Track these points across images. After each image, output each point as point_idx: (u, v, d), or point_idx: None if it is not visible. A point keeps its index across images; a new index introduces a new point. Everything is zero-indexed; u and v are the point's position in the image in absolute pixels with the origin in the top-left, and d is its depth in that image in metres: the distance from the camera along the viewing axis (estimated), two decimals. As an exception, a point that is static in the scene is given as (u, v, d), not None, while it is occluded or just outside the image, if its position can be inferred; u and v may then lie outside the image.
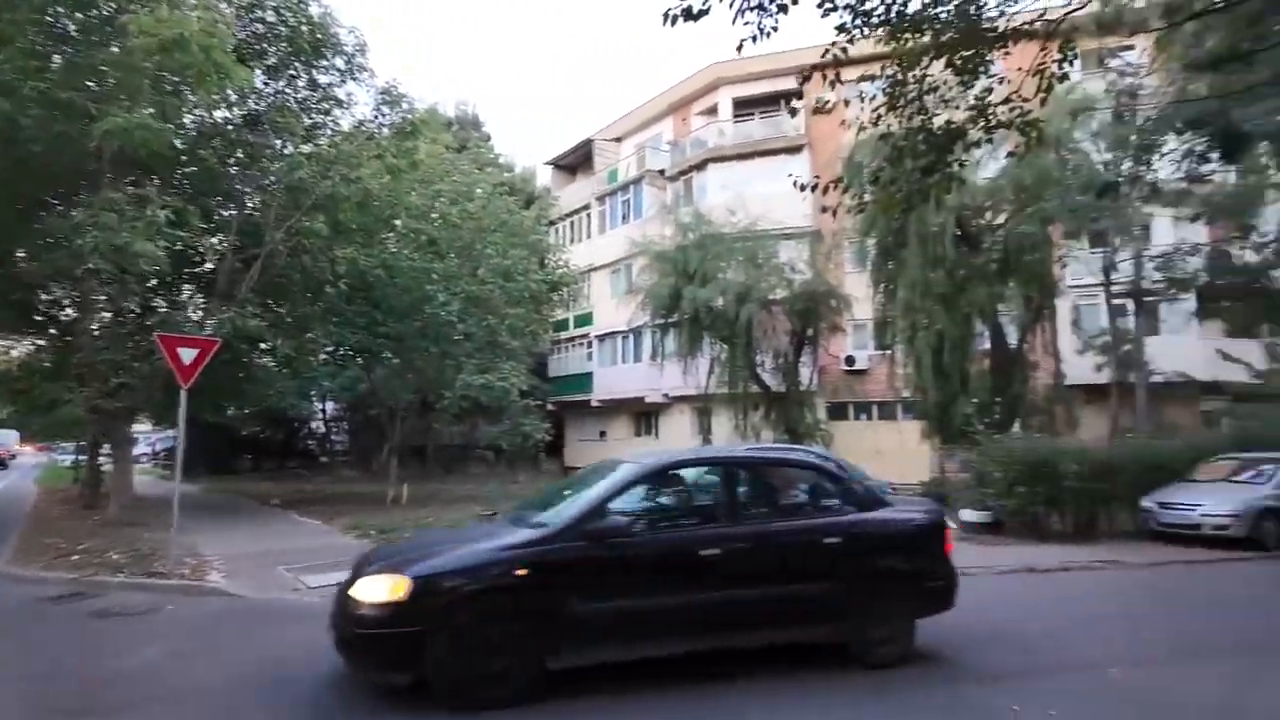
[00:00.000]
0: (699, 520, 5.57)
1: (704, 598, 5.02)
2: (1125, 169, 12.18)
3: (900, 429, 24.13)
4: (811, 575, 5.34)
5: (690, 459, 6.41)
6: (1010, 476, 12.31)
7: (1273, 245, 14.58)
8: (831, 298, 20.25)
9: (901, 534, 5.80)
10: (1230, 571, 10.31)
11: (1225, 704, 4.85)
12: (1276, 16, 7.20)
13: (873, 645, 5.44)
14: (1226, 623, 7.18)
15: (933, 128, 6.54)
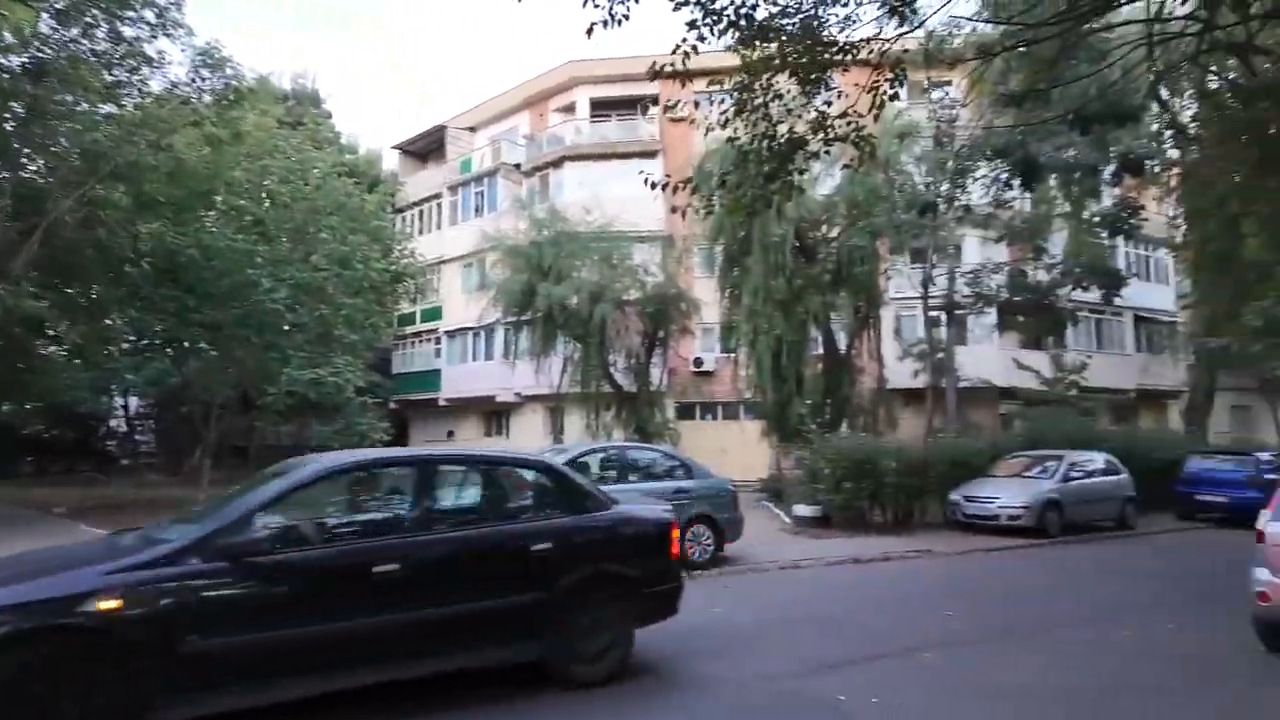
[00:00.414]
0: (381, 530, 4.76)
1: (374, 622, 4.24)
2: (943, 191, 13.39)
3: (743, 428, 25.09)
4: (514, 588, 4.75)
5: (378, 459, 5.69)
6: (838, 473, 13.08)
7: (1059, 267, 16.58)
8: (682, 301, 20.69)
9: (624, 538, 5.39)
10: (1022, 557, 11.53)
11: (1029, 682, 5.30)
12: (1069, 59, 8.11)
13: (581, 661, 4.93)
14: (1023, 606, 7.97)
15: (776, 135, 6.73)
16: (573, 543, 5.07)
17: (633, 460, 9.52)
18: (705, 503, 9.57)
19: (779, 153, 6.79)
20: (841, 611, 7.47)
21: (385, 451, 5.34)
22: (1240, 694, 5.09)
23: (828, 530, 13.35)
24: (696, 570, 9.25)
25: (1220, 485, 15.53)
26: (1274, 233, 8.34)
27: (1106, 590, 8.68)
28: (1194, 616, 7.24)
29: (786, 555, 10.62)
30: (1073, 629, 6.88)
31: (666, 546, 5.58)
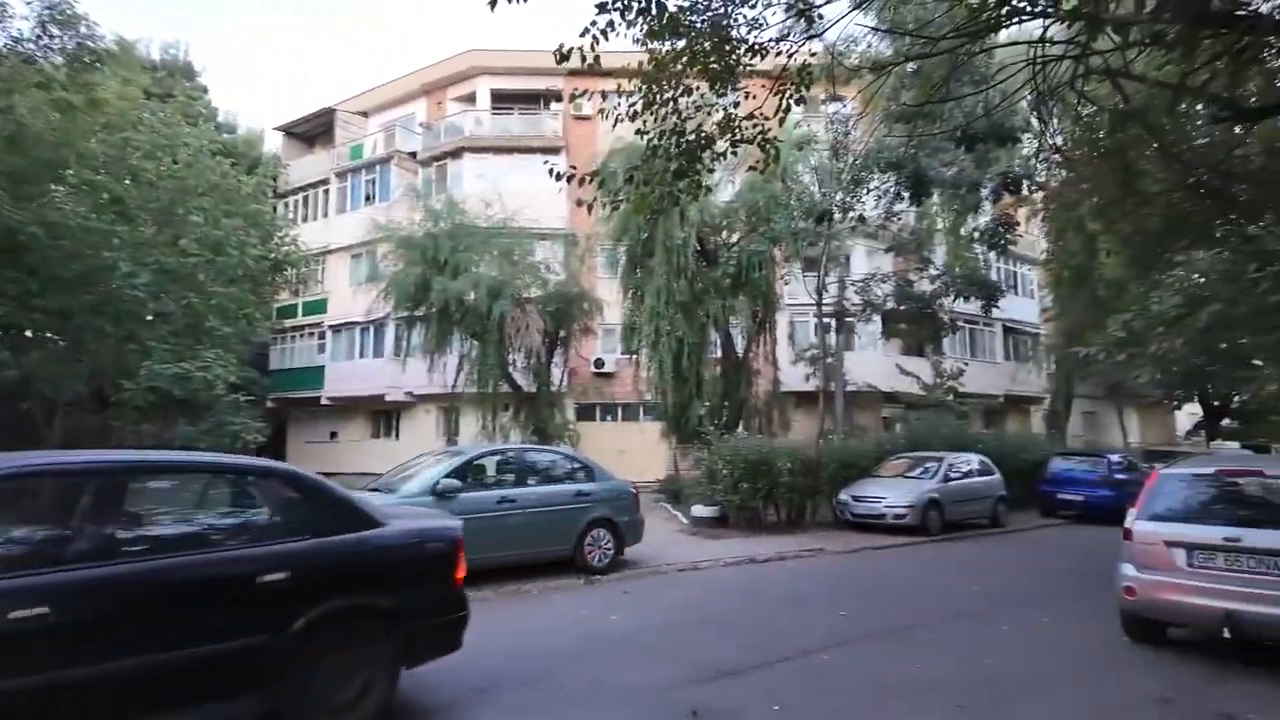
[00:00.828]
0: (29, 563, 3.47)
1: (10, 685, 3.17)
2: (838, 200, 13.82)
3: (643, 429, 25.17)
4: (233, 629, 3.79)
5: (32, 466, 3.83)
6: (736, 474, 13.22)
7: (943, 278, 17.51)
8: (584, 300, 20.45)
9: (390, 562, 4.52)
10: (907, 554, 12.00)
11: (922, 678, 5.40)
12: (957, 80, 8.47)
13: (327, 711, 4.07)
14: (911, 602, 8.21)
15: (685, 131, 6.61)
16: (317, 570, 4.13)
17: (531, 463, 9.19)
18: (606, 505, 9.37)
19: (688, 149, 6.68)
20: (740, 614, 7.45)
21: (47, 456, 4.02)
22: (1110, 682, 5.38)
23: (725, 530, 13.47)
24: (596, 575, 9.06)
25: (1078, 485, 16.88)
26: (1134, 252, 9.05)
27: (986, 586, 9.10)
28: (1065, 610, 7.68)
29: (685, 556, 10.58)
30: (958, 624, 7.14)
31: (448, 571, 4.75)
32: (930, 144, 11.05)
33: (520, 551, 8.63)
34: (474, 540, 8.15)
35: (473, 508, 8.17)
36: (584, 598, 8.15)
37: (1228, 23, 4.48)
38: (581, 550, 9.06)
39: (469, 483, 8.42)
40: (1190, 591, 5.57)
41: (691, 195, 7.17)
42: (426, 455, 9.76)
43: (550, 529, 8.85)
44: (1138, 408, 34.01)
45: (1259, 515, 5.56)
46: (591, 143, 26.41)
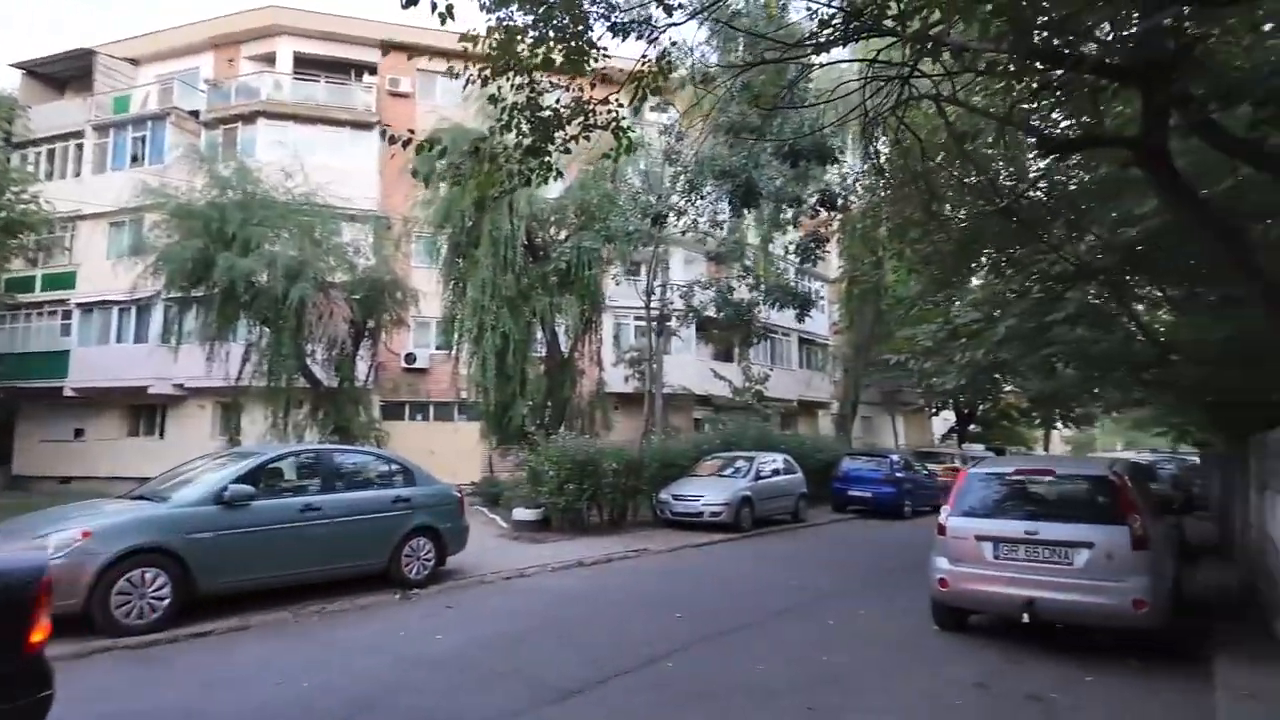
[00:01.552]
0: None
1: None
2: (672, 204, 13.93)
3: (457, 429, 24.05)
4: None
5: None
6: (563, 475, 12.85)
7: (762, 287, 18.39)
8: (397, 289, 19.01)
9: None
10: (725, 551, 12.32)
11: (764, 680, 5.35)
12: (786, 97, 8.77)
13: None
14: (739, 600, 8.30)
15: (541, 105, 6.13)
16: None
17: (340, 465, 8.13)
18: (428, 512, 8.55)
19: (542, 124, 6.20)
20: (576, 623, 7.08)
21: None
22: (933, 671, 5.69)
23: (548, 533, 13.05)
24: (414, 589, 8.23)
25: (866, 483, 18.49)
26: (933, 270, 9.98)
27: (802, 580, 9.52)
28: (876, 602, 8.19)
29: (510, 563, 10.01)
30: (787, 621, 7.32)
31: (16, 634, 3.04)
32: (758, 157, 11.45)
33: (327, 567, 7.60)
34: (271, 556, 7.17)
35: (270, 518, 7.07)
36: (402, 615, 7.34)
37: (1055, 59, 4.90)
38: (399, 562, 8.18)
39: (264, 489, 7.26)
40: (997, 581, 6.07)
41: (542, 177, 6.68)
42: (205, 457, 8.35)
43: (363, 540, 7.89)
44: (904, 414, 38.44)
45: (1052, 510, 6.20)
46: (410, 123, 24.76)
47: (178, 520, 6.44)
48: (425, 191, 18.65)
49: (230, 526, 6.71)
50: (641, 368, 23.29)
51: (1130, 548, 5.66)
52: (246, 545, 6.82)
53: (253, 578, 6.95)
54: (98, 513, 6.49)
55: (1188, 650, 5.96)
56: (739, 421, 19.67)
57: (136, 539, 6.13)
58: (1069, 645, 6.11)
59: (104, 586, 5.91)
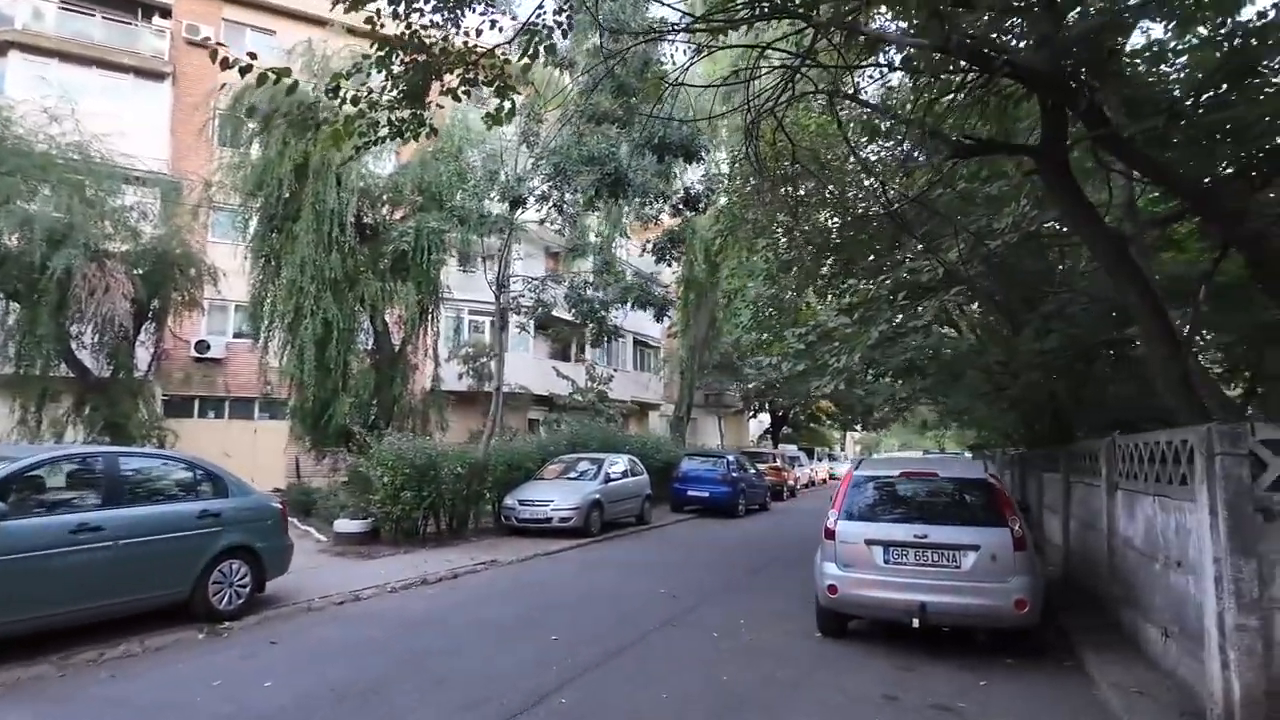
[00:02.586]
0: None
1: None
2: (536, 188, 12.97)
3: (258, 429, 21.42)
4: None
5: None
6: (399, 481, 11.54)
7: (620, 286, 17.95)
8: (191, 264, 16.38)
9: None
10: (579, 558, 11.68)
11: (675, 705, 4.82)
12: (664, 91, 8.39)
13: None
14: (611, 614, 7.70)
15: (426, 41, 5.17)
16: None
17: (127, 473, 6.46)
18: (243, 529, 7.08)
19: (421, 69, 5.22)
20: (436, 656, 6.09)
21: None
22: (838, 683, 5.47)
23: (379, 546, 11.66)
24: (226, 622, 6.77)
25: (704, 483, 18.71)
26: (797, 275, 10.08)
27: (669, 588, 9.13)
28: (751, 609, 7.96)
29: (340, 584, 8.68)
30: (670, 635, 6.84)
31: None
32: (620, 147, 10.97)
33: (109, 602, 5.98)
34: (25, 592, 5.49)
35: (26, 543, 5.41)
36: (212, 657, 5.94)
37: (977, 59, 4.85)
38: (205, 591, 6.68)
39: (17, 505, 5.52)
40: (889, 587, 5.99)
41: (413, 133, 5.68)
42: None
43: (159, 565, 6.33)
44: (725, 415, 40.12)
45: (939, 513, 6.25)
46: (211, 78, 21.65)
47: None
48: (228, 153, 16.30)
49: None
50: (479, 364, 22.05)
51: (1012, 549, 5.80)
52: None
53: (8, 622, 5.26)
54: None
55: (1053, 648, 6.25)
56: (582, 422, 19.12)
57: None
58: (949, 649, 6.18)
59: None
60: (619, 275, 18.23)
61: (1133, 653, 5.73)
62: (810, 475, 33.14)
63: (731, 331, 22.58)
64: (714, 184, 12.46)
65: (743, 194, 10.54)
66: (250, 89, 14.38)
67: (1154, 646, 5.39)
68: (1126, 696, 4.71)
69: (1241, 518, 3.79)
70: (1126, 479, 6.16)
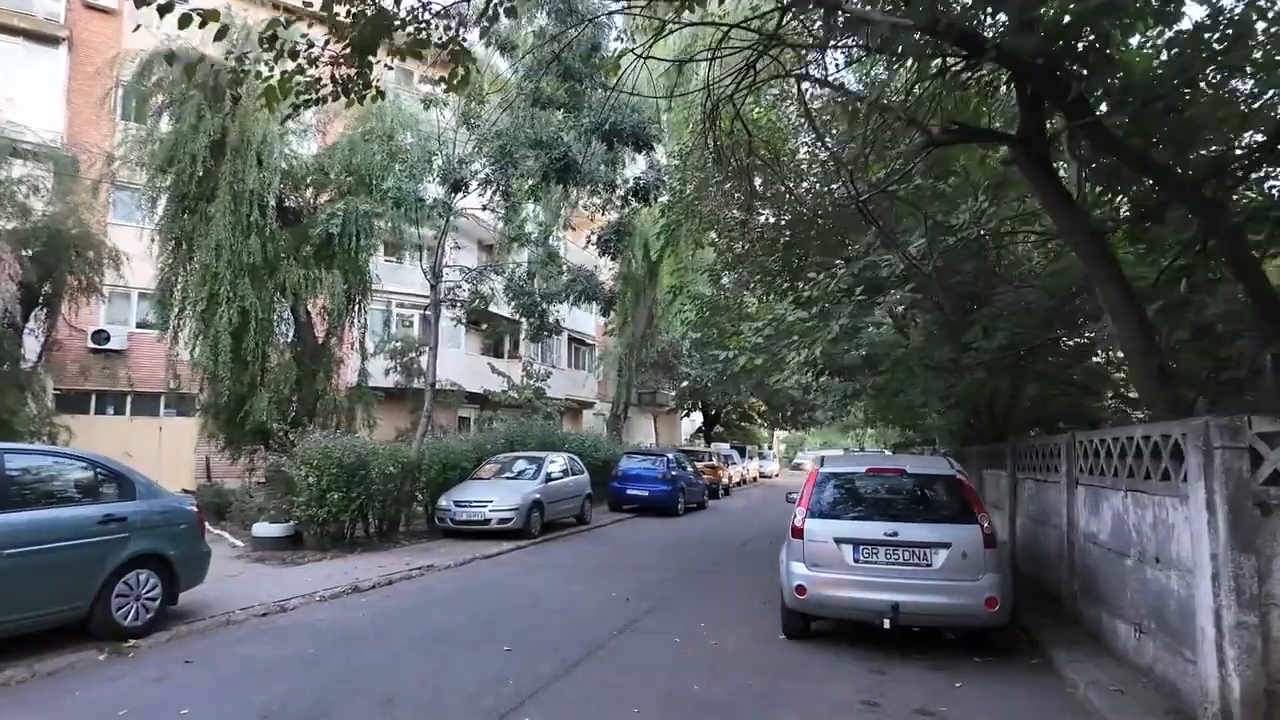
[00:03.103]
0: None
1: None
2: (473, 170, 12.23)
3: (164, 426, 19.99)
4: None
5: None
6: (325, 481, 10.76)
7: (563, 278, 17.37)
8: (89, 246, 15.05)
9: None
10: (521, 561, 11.19)
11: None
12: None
13: None
14: (563, 621, 7.29)
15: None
16: None
17: (15, 472, 5.62)
18: (151, 535, 6.30)
19: (372, 23, 4.68)
20: (377, 674, 5.54)
21: None
22: (813, 689, 5.23)
23: (300, 552, 10.86)
24: (133, 640, 6.01)
25: (644, 481, 18.44)
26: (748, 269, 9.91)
27: (621, 590, 8.78)
28: (708, 613, 7.68)
29: (262, 594, 7.94)
30: (630, 642, 6.49)
31: None
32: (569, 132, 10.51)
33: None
34: None
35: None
36: (117, 681, 5.22)
37: (968, 43, 4.69)
38: (106, 605, 5.90)
39: None
40: (860, 586, 5.81)
41: (359, 95, 5.13)
42: None
43: (53, 578, 5.53)
44: (658, 414, 40.06)
45: (908, 510, 6.12)
46: (113, 45, 20.07)
47: None
48: (133, 127, 15.05)
49: None
50: (407, 359, 21.11)
51: (982, 546, 5.72)
52: None
53: None
54: None
55: (1019, 645, 6.22)
56: (520, 420, 18.52)
57: None
58: (917, 649, 6.06)
59: None
60: (561, 268, 17.67)
61: (1100, 649, 5.73)
62: (743, 473, 33.36)
63: (673, 328, 22.37)
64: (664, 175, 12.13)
65: (697, 183, 10.27)
66: (159, 54, 13.38)
67: (1123, 642, 5.39)
68: (1108, 695, 4.65)
69: (1241, 513, 3.74)
70: (1089, 474, 6.18)
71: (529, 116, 12.42)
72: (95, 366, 18.68)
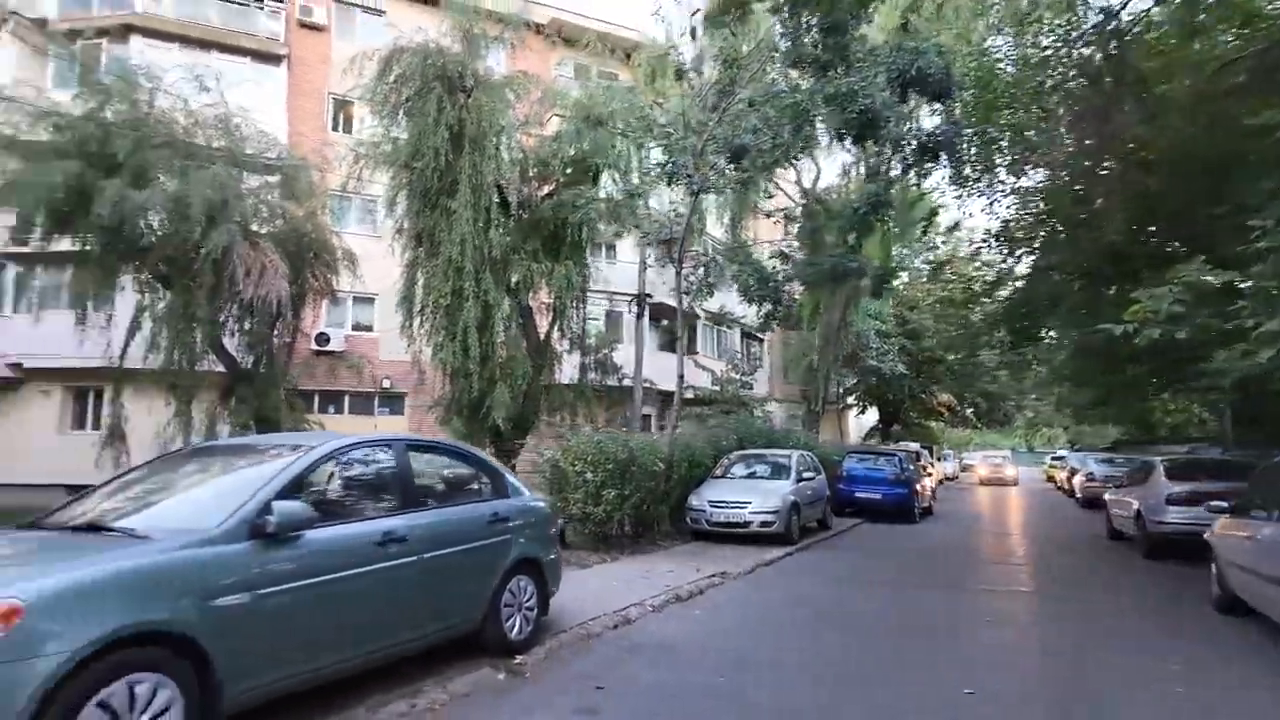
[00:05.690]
0: None
1: None
2: (777, 138, 10.97)
3: (377, 423, 20.57)
4: None
5: None
6: (600, 478, 10.11)
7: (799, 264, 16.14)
8: (325, 251, 15.40)
9: None
10: (805, 568, 10.10)
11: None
12: None
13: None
14: (964, 650, 6.07)
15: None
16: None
17: (419, 467, 5.05)
18: (527, 537, 5.65)
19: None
20: (819, 713, 4.53)
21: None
22: None
23: (577, 552, 10.24)
24: (517, 656, 5.34)
25: (875, 483, 16.88)
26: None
27: (978, 608, 7.45)
28: (1129, 628, 6.21)
29: (592, 603, 7.21)
30: (1106, 675, 5.15)
31: None
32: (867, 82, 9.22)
33: (409, 637, 4.58)
34: (340, 626, 3.93)
35: (336, 560, 4.02)
36: (540, 714, 4.49)
37: None
38: (497, 615, 5.26)
39: (318, 507, 4.12)
40: None
41: None
42: (176, 455, 5.11)
43: (458, 584, 4.94)
44: (828, 412, 37.95)
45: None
46: (324, 60, 21.03)
47: (185, 572, 3.30)
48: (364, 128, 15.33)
49: (276, 580, 3.63)
50: (602, 354, 20.64)
51: None
52: (308, 611, 3.78)
53: (310, 670, 3.88)
54: (16, 563, 3.24)
55: None
56: (739, 418, 17.46)
57: (121, 616, 2.99)
58: None
59: (54, 726, 2.75)
60: (818, 243, 16.27)
61: None
62: (942, 475, 30.92)
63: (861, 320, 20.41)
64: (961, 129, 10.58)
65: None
66: (399, 53, 13.38)
67: None
68: None
69: None
70: None
71: (781, 79, 11.31)
72: (319, 367, 19.44)
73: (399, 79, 13.69)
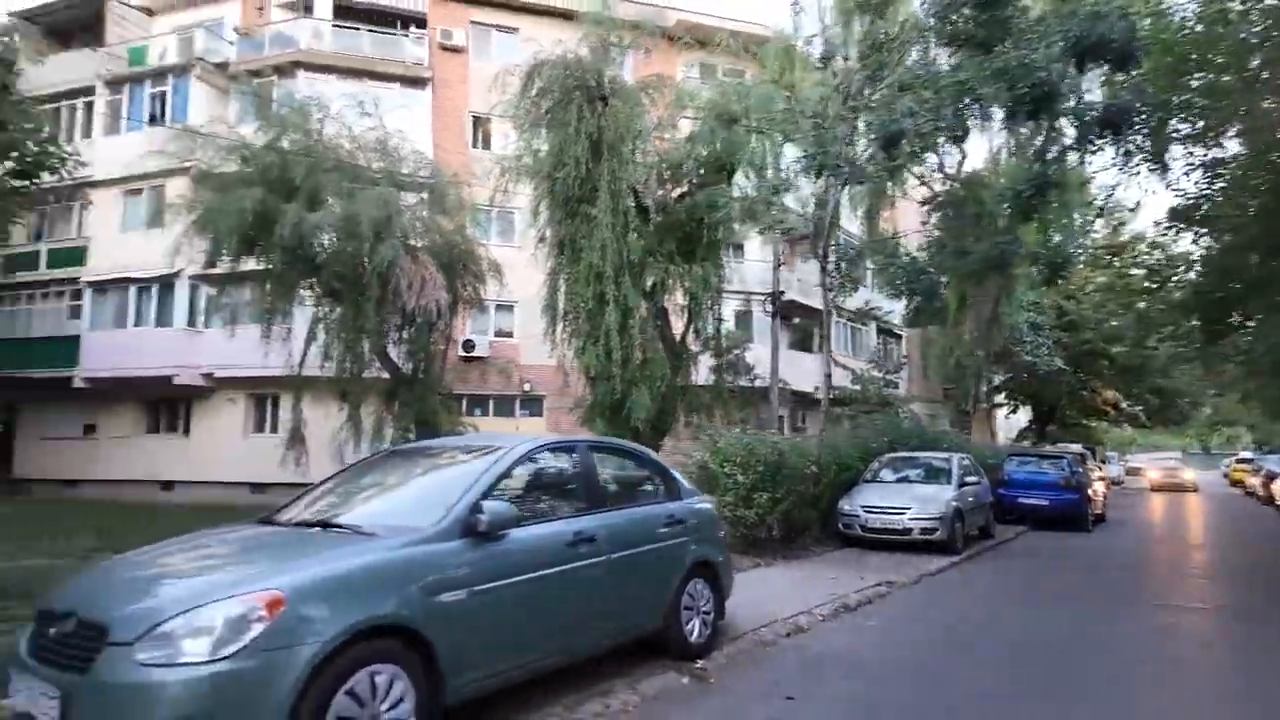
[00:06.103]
0: None
1: None
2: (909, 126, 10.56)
3: (519, 426, 21.23)
4: None
5: None
6: (751, 480, 9.91)
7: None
8: (474, 262, 16.09)
9: None
10: (968, 581, 9.44)
11: None
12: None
13: None
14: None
15: None
16: None
17: (603, 468, 5.10)
18: (700, 539, 5.57)
19: None
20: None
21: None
22: None
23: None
24: (700, 661, 5.24)
25: (1040, 488, 15.60)
26: None
27: (1201, 629, 6.64)
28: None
29: (763, 608, 7.00)
30: None
31: None
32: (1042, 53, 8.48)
33: (597, 636, 4.62)
34: (543, 623, 3.98)
35: (537, 558, 4.09)
36: (720, 712, 4.37)
37: None
38: (677, 618, 5.21)
39: (511, 502, 4.20)
40: None
41: None
42: (376, 456, 5.42)
43: (640, 586, 4.93)
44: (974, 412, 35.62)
45: None
46: (462, 80, 22.04)
47: (410, 568, 3.44)
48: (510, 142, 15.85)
49: (487, 577, 3.72)
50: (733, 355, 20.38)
51: None
52: (513, 608, 3.87)
53: (518, 666, 3.96)
54: (267, 556, 3.50)
55: None
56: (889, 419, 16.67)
57: (365, 609, 3.15)
58: None
59: (309, 713, 2.92)
60: (967, 231, 15.31)
61: None
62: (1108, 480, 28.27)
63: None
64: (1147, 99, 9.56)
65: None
66: (540, 66, 13.75)
67: None
68: None
69: None
70: None
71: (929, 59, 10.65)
72: (466, 373, 20.41)
73: (540, 91, 14.10)
